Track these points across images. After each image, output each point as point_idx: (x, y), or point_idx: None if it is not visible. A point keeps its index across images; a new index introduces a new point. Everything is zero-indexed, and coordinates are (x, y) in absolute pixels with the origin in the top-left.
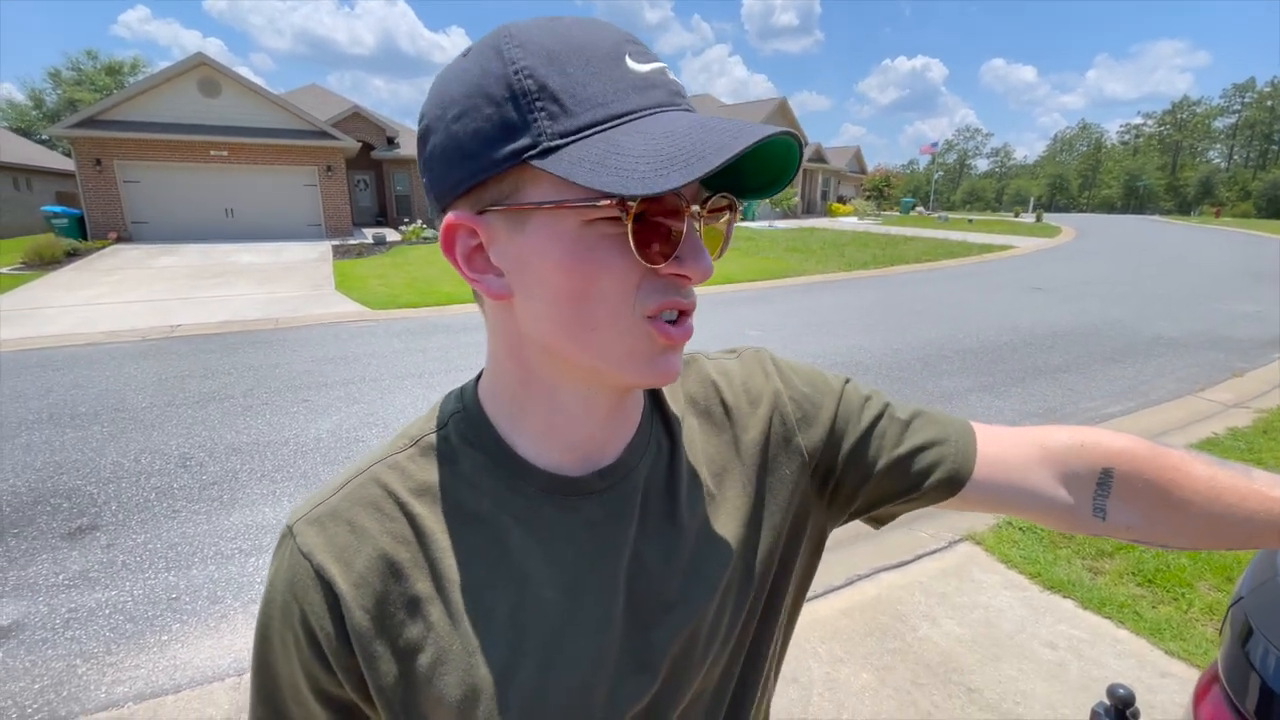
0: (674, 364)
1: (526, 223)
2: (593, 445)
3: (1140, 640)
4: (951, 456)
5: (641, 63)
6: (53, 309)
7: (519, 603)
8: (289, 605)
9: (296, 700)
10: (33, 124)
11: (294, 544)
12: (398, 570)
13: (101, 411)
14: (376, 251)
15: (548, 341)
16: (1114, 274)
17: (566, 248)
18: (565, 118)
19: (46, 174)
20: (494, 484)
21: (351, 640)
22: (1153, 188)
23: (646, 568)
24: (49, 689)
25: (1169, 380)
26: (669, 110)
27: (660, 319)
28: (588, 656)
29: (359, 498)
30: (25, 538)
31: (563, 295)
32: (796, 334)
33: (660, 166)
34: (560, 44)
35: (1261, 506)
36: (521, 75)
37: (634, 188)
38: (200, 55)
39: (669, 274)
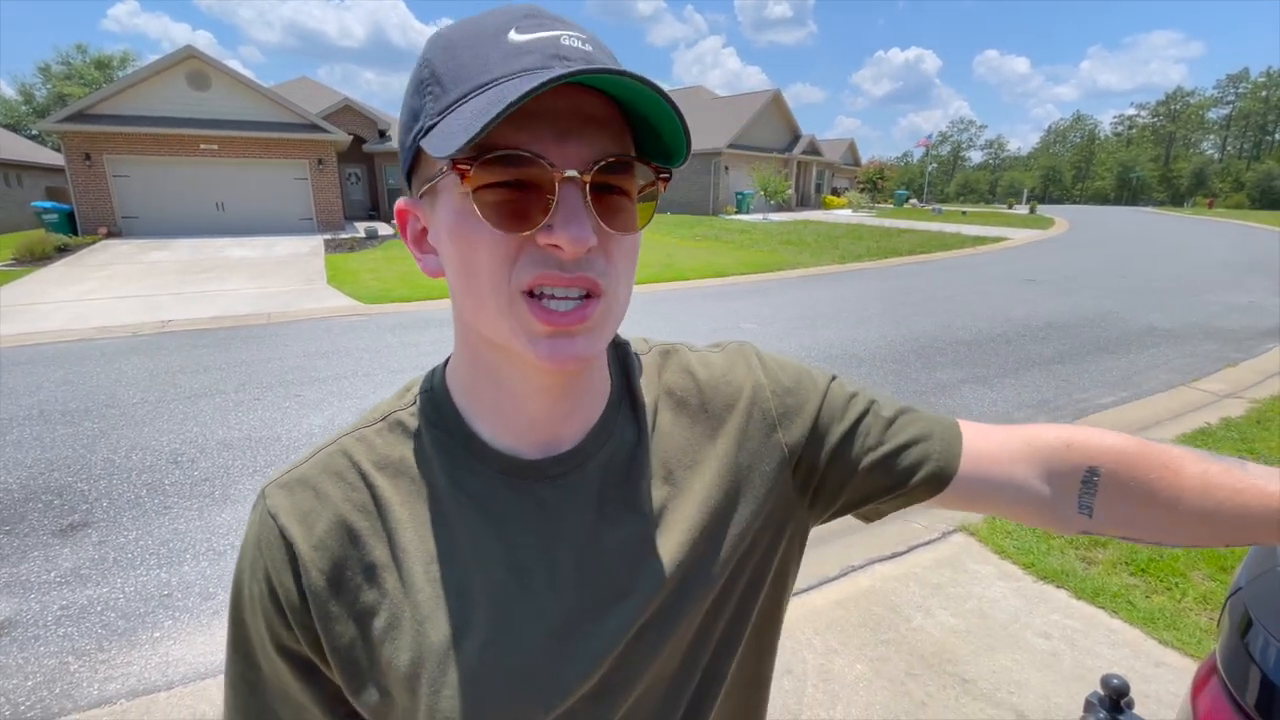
0: (566, 350)
1: (435, 201)
2: (546, 429)
3: (1134, 630)
4: (937, 454)
5: (526, 33)
6: (44, 305)
7: (469, 578)
8: (256, 561)
9: (264, 653)
10: (22, 119)
11: (264, 505)
12: (356, 537)
13: (93, 408)
14: (369, 245)
15: (466, 319)
16: (1107, 265)
17: (452, 219)
18: (443, 97)
19: (36, 169)
20: (451, 463)
21: (309, 598)
22: (1146, 179)
23: (603, 553)
24: (42, 686)
25: (1162, 371)
26: (535, 72)
27: (540, 298)
28: (534, 636)
29: (326, 466)
30: (17, 535)
31: (455, 267)
32: (791, 327)
33: (473, 119)
34: (460, 33)
35: (1256, 501)
36: (424, 66)
37: (441, 149)
38: (189, 48)
39: (544, 244)
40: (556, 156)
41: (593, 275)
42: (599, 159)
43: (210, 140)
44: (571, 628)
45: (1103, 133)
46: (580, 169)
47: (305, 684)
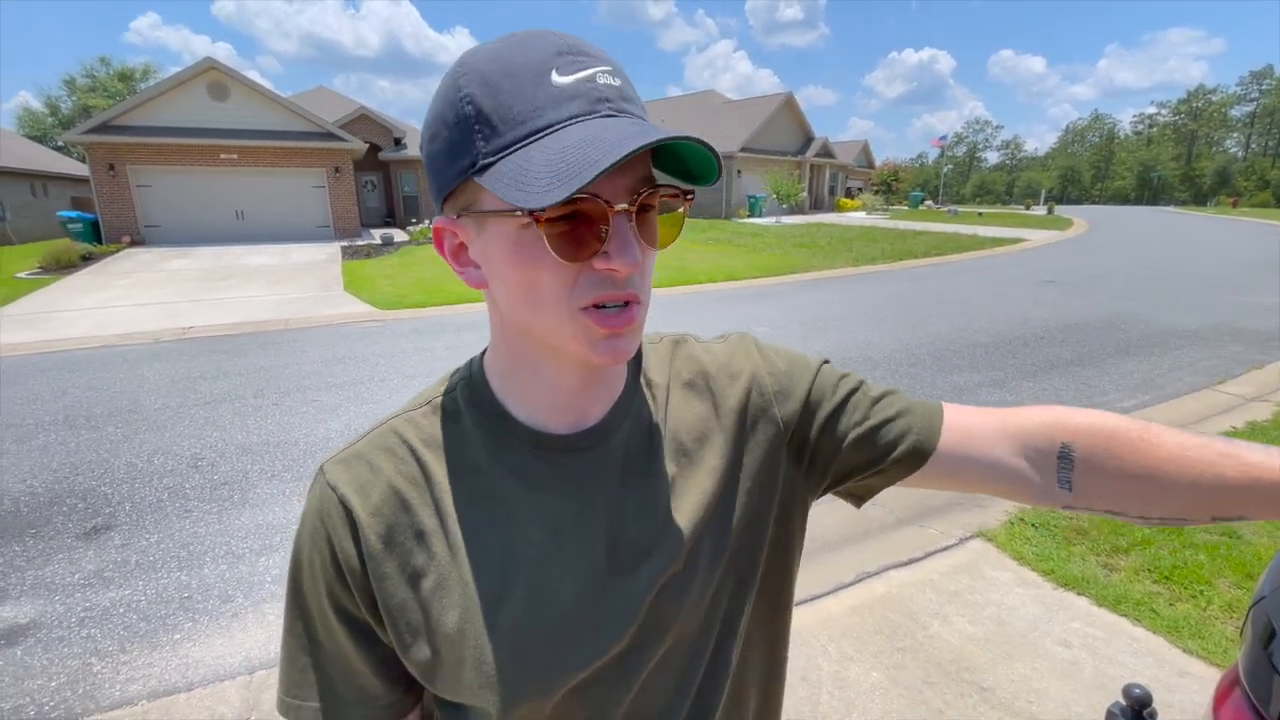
0: (620, 346)
1: (485, 225)
2: (575, 409)
3: (1157, 638)
4: (918, 429)
5: (568, 74)
6: (69, 312)
7: (509, 541)
8: (317, 529)
9: (323, 621)
10: (48, 131)
11: (324, 480)
12: (407, 505)
13: (116, 413)
14: (384, 252)
15: (518, 323)
16: (1128, 266)
17: (511, 247)
18: (495, 137)
19: (62, 179)
20: (490, 439)
21: (366, 561)
22: (1167, 178)
23: (626, 518)
24: (65, 686)
25: (1186, 373)
26: (585, 120)
27: (596, 310)
28: (571, 592)
29: (378, 444)
30: (42, 538)
31: (514, 287)
32: (804, 330)
33: (553, 181)
34: (496, 67)
35: (1234, 471)
36: (464, 102)
37: (531, 201)
38: (209, 60)
39: (601, 268)
40: (608, 192)
41: (634, 289)
42: (638, 188)
43: (230, 150)
44: (604, 585)
45: (1122, 132)
46: (627, 200)
47: (359, 647)
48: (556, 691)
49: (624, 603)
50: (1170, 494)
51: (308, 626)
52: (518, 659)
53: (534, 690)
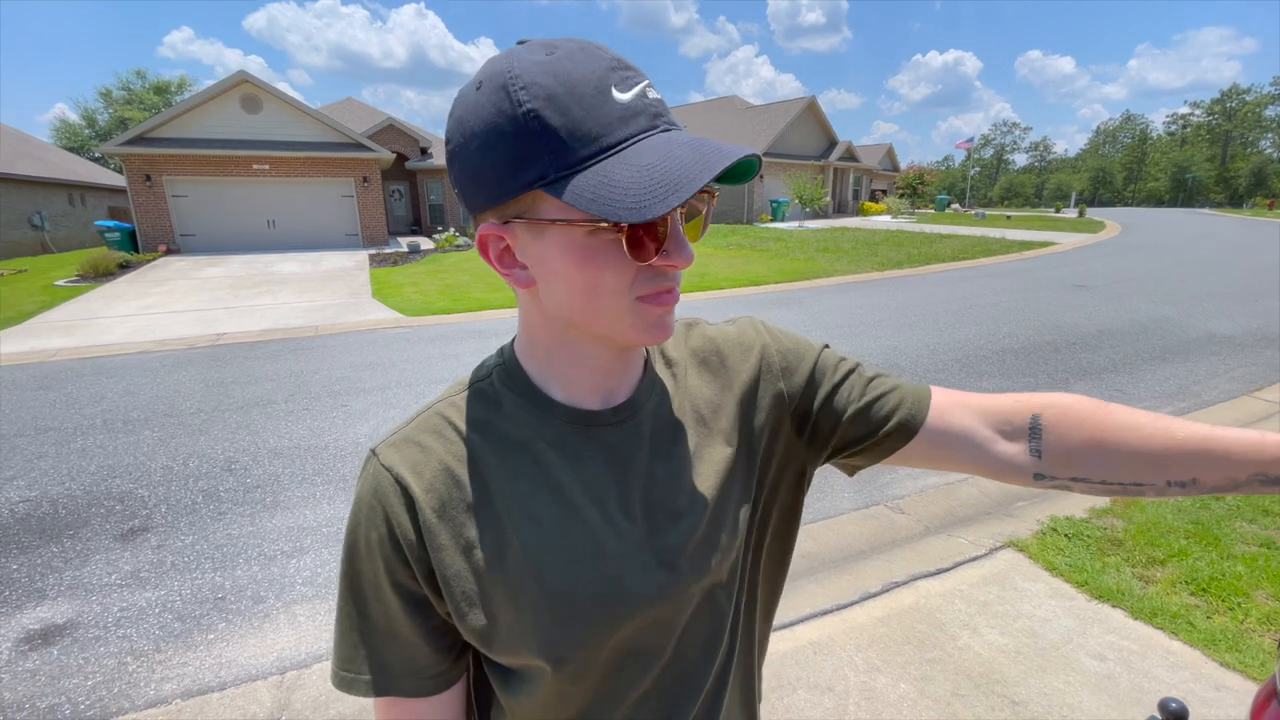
0: (668, 325)
1: (545, 231)
2: (607, 387)
3: (1194, 652)
4: (908, 404)
5: (625, 90)
6: (106, 319)
7: (557, 508)
8: (374, 508)
9: (377, 596)
10: (85, 142)
11: (377, 461)
12: (458, 481)
13: (152, 417)
14: (411, 259)
15: (568, 317)
16: (1162, 270)
17: (578, 252)
18: (566, 153)
19: (99, 190)
20: (530, 418)
21: (423, 534)
22: (1202, 180)
23: (658, 483)
24: (101, 685)
25: (1223, 380)
26: (650, 135)
27: (651, 296)
28: (616, 552)
29: (426, 426)
30: (80, 539)
31: (576, 287)
32: (829, 336)
33: (643, 197)
34: (557, 83)
35: (1184, 433)
36: (529, 117)
37: (624, 216)
38: (242, 73)
39: (660, 265)
40: None
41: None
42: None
43: (262, 160)
44: (644, 545)
45: (1155, 132)
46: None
47: (412, 619)
48: (604, 646)
49: (664, 559)
50: (1129, 459)
51: (362, 604)
52: (569, 616)
53: (586, 647)
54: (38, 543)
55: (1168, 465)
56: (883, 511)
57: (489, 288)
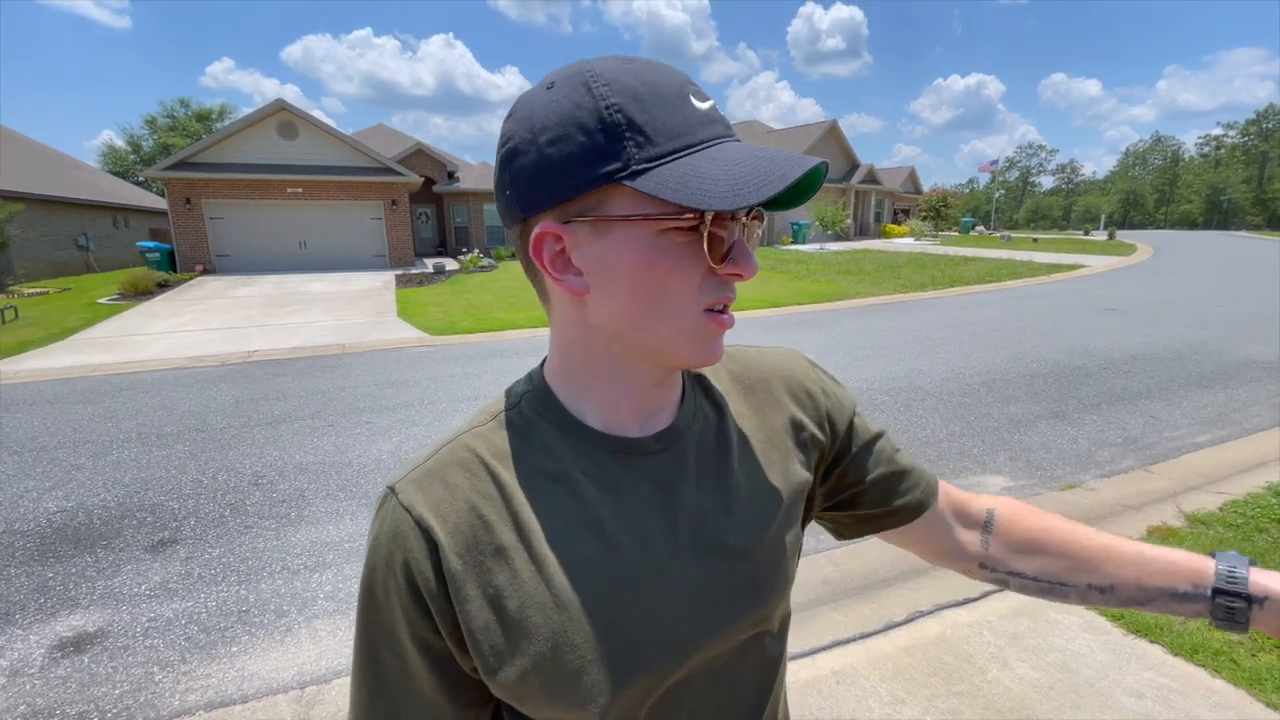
0: (721, 346)
1: (610, 231)
2: (647, 412)
3: (1238, 691)
4: (924, 485)
5: (700, 101)
6: (144, 336)
7: (598, 549)
8: (392, 554)
9: (394, 649)
10: (130, 167)
11: (395, 500)
12: (485, 522)
13: (184, 432)
14: (436, 280)
15: (619, 329)
16: (1198, 293)
17: (645, 252)
18: (650, 146)
19: (142, 212)
20: (565, 448)
21: (448, 583)
22: (1238, 202)
23: (707, 518)
24: (128, 695)
25: (1264, 407)
26: (726, 141)
27: (714, 310)
28: (663, 595)
29: (450, 461)
30: (112, 549)
31: (640, 291)
32: (851, 358)
33: (735, 187)
34: (640, 84)
35: (1106, 540)
36: (612, 110)
37: (716, 204)
38: (280, 101)
39: (725, 273)
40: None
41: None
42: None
43: (296, 184)
44: (693, 586)
45: (1187, 154)
46: (746, 213)
47: (433, 673)
48: (651, 694)
49: (716, 600)
50: (1059, 560)
51: (376, 656)
52: (612, 667)
53: (629, 698)
54: (73, 552)
55: (1091, 570)
56: None
57: (511, 308)
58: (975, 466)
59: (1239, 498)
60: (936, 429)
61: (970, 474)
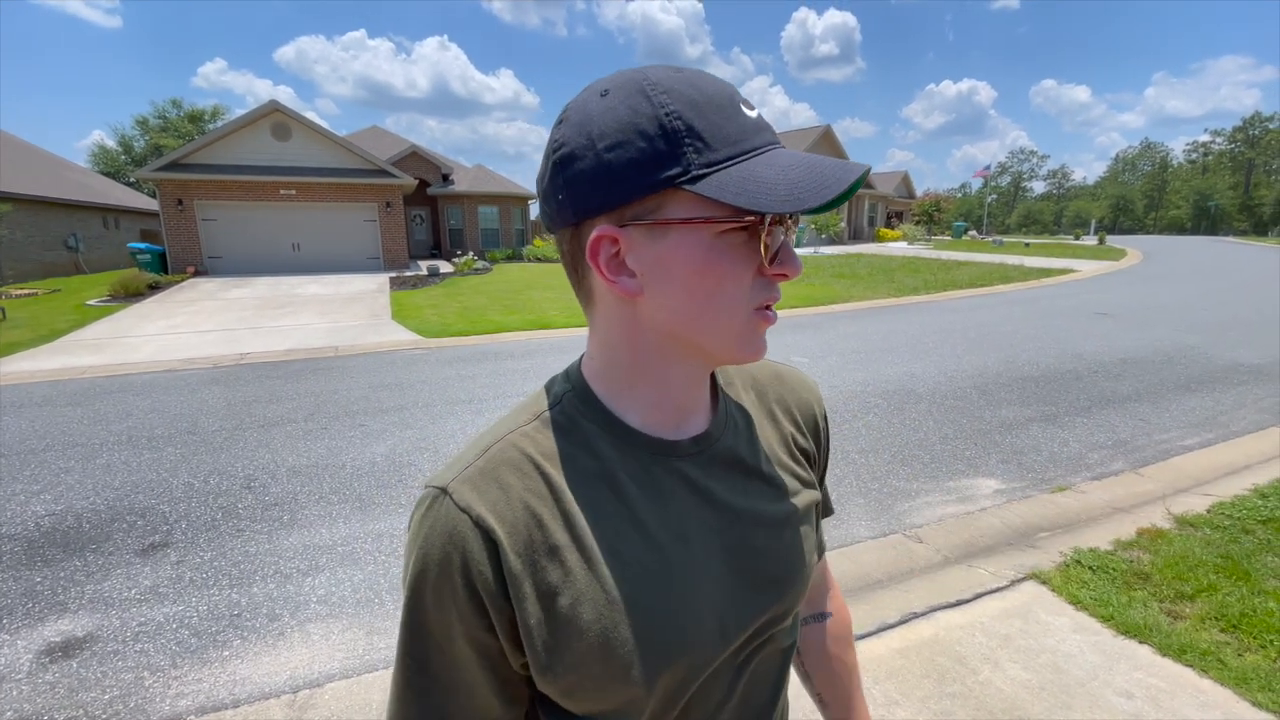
0: (765, 343)
1: (667, 234)
2: (684, 413)
3: (1225, 690)
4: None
5: (749, 110)
6: (135, 338)
7: (642, 547)
8: (449, 555)
9: (446, 652)
10: (121, 168)
11: (450, 501)
12: (540, 521)
13: (175, 434)
14: (431, 282)
15: (673, 329)
16: (1186, 298)
17: (703, 254)
18: (709, 152)
19: (133, 213)
20: (608, 448)
21: (507, 582)
22: (1225, 208)
23: (741, 519)
24: (117, 700)
25: (1251, 410)
26: (776, 148)
27: (762, 308)
28: (703, 592)
29: (501, 460)
30: (102, 553)
31: (697, 292)
32: (844, 361)
33: (794, 191)
34: (697, 94)
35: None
36: (672, 117)
37: (777, 207)
38: (274, 102)
39: (772, 274)
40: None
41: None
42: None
43: (289, 186)
44: (730, 585)
45: (1175, 160)
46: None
47: (486, 672)
48: (691, 685)
49: (748, 600)
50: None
51: (424, 661)
52: (662, 660)
53: (674, 688)
54: (61, 556)
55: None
56: (900, 540)
57: (506, 310)
58: (968, 469)
59: (1226, 500)
60: (929, 432)
61: (962, 476)
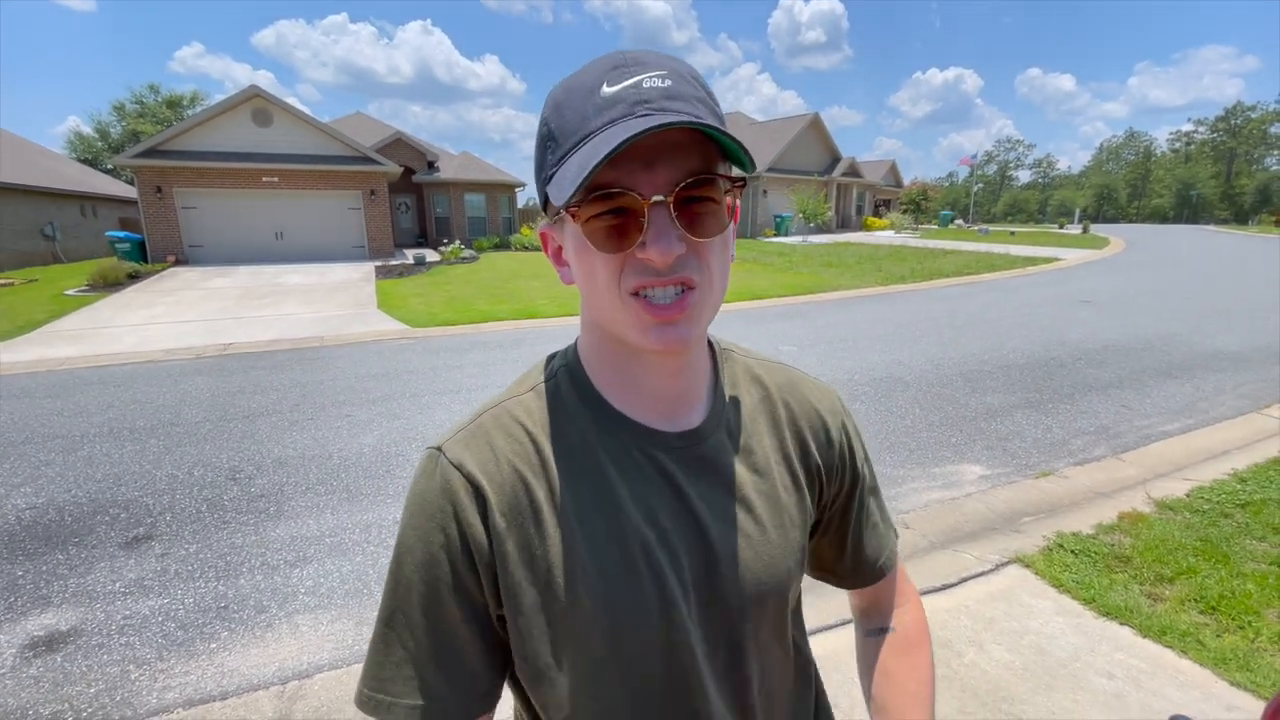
0: (672, 334)
1: (564, 228)
2: (667, 404)
3: (1204, 671)
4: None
5: (615, 84)
6: (115, 328)
7: (616, 524)
8: (442, 508)
9: (432, 606)
10: (99, 154)
11: (444, 459)
12: (526, 484)
13: (158, 426)
14: (417, 271)
15: (593, 317)
16: (1168, 286)
17: (574, 243)
18: (557, 149)
19: (111, 201)
20: (593, 427)
21: (493, 538)
22: (1207, 196)
23: (720, 516)
24: (103, 693)
25: (1230, 396)
26: (619, 122)
27: (644, 297)
28: (672, 581)
29: (495, 425)
30: (85, 546)
31: (581, 278)
32: (832, 350)
33: (575, 180)
34: (563, 91)
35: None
36: (543, 124)
37: (561, 199)
38: (254, 88)
39: (640, 258)
40: (645, 185)
41: (686, 273)
42: (680, 180)
43: (271, 173)
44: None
45: (1159, 150)
46: (665, 192)
47: (472, 627)
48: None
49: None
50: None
51: (411, 615)
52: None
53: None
54: (43, 549)
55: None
56: None
57: (493, 299)
58: (954, 455)
59: (1205, 484)
60: (916, 419)
61: (948, 462)
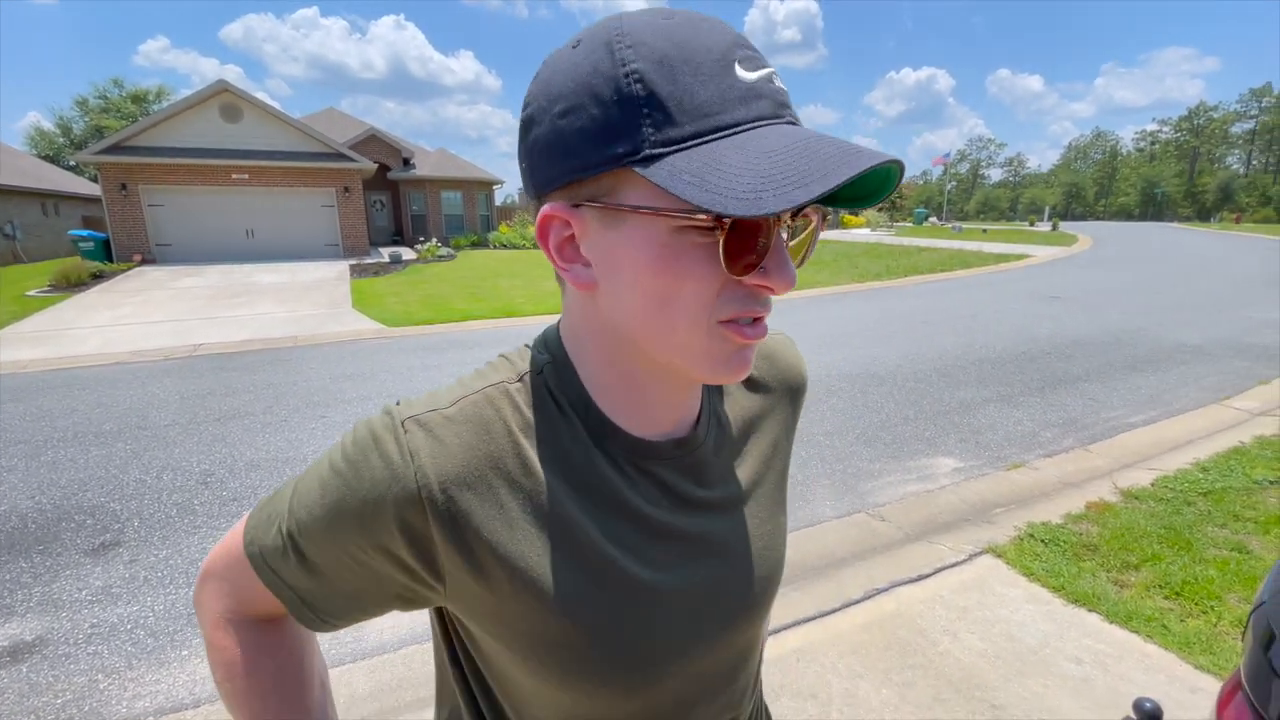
0: (747, 361)
1: (621, 222)
2: (667, 420)
3: (1169, 654)
4: None
5: (750, 70)
6: (79, 330)
7: (603, 536)
8: (381, 501)
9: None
10: (60, 150)
11: (404, 440)
12: (492, 488)
13: (125, 429)
14: (393, 270)
15: (630, 332)
16: (1134, 282)
17: (656, 251)
18: (670, 127)
19: (73, 199)
20: (583, 434)
21: (437, 547)
22: (1171, 195)
23: (714, 522)
24: (71, 704)
25: (1193, 389)
26: (773, 123)
27: (734, 322)
28: (665, 594)
29: (471, 415)
30: (50, 554)
31: (648, 295)
32: (809, 347)
33: (758, 187)
34: (672, 47)
35: None
36: (631, 79)
37: (731, 208)
38: (222, 82)
39: (753, 284)
40: None
41: (771, 306)
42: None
43: (241, 170)
44: (704, 588)
45: (1125, 149)
46: (791, 216)
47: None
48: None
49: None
50: None
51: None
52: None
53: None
54: (6, 558)
55: None
56: (864, 519)
57: (471, 298)
58: (928, 449)
59: (1169, 474)
60: (891, 414)
61: (923, 456)
